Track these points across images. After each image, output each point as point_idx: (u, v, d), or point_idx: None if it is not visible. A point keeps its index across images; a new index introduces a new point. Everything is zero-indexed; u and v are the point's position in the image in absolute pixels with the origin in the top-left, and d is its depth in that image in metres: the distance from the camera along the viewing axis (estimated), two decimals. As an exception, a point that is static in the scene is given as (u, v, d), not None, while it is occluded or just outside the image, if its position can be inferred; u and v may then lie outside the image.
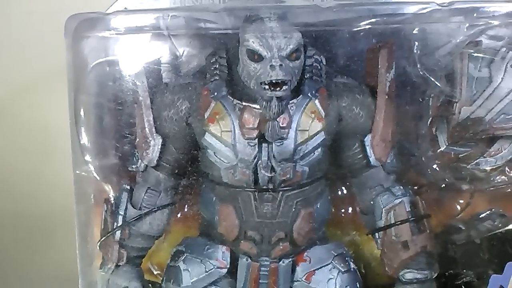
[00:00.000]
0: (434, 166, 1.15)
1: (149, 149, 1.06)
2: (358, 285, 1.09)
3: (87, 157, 1.13)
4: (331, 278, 1.06)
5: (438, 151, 1.14)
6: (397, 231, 1.06)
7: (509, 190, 1.18)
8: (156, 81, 1.08)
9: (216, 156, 1.02)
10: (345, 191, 1.22)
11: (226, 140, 1.00)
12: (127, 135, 1.12)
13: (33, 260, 1.64)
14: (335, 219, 1.20)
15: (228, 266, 1.07)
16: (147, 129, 1.05)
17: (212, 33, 1.07)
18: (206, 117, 1.01)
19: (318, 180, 1.06)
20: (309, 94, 1.00)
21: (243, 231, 1.05)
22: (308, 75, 1.01)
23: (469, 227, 1.21)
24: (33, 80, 1.55)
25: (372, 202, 1.10)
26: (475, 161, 1.12)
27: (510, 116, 1.06)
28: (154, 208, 1.09)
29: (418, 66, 1.09)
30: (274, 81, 0.91)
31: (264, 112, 0.95)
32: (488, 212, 1.21)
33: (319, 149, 1.02)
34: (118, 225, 1.08)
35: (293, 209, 1.03)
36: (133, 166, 1.09)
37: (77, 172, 1.15)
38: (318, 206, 1.06)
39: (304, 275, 1.07)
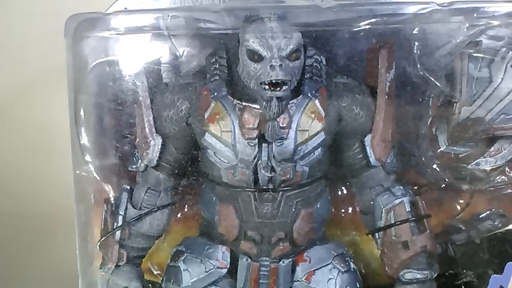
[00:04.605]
0: (434, 166, 1.15)
1: (149, 149, 1.06)
2: (358, 285, 1.09)
3: (87, 157, 1.13)
4: (331, 278, 1.06)
5: (438, 151, 1.14)
6: (397, 231, 1.06)
7: (509, 190, 1.18)
8: (156, 81, 1.08)
9: (216, 156, 1.02)
10: (345, 191, 1.22)
11: (226, 140, 1.00)
12: (127, 135, 1.13)
13: (33, 260, 1.64)
14: (335, 219, 1.20)
15: (228, 266, 1.07)
16: (147, 129, 1.05)
17: (212, 33, 1.07)
18: (206, 117, 1.01)
19: (318, 180, 1.06)
20: (309, 94, 1.00)
21: (243, 231, 1.05)
22: (308, 75, 1.01)
23: (469, 227, 1.21)
24: (33, 80, 1.56)
25: (372, 202, 1.10)
26: (475, 161, 1.12)
27: (510, 116, 1.06)
28: (154, 208, 1.09)
29: (418, 66, 1.09)
30: (274, 81, 0.91)
31: (264, 112, 0.95)
32: (488, 212, 1.21)
33: (319, 149, 1.02)
34: (118, 225, 1.08)
35: (293, 209, 1.04)
36: (133, 166, 1.10)
37: (77, 172, 1.15)
38: (318, 206, 1.06)
39: (304, 275, 1.07)
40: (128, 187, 1.11)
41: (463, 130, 1.08)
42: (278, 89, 0.92)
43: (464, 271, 1.19)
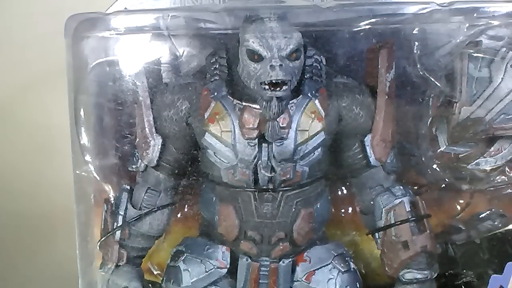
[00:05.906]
0: (434, 166, 1.15)
1: (149, 149, 1.06)
2: (358, 285, 1.09)
3: (87, 157, 1.13)
4: (331, 278, 1.06)
5: (438, 151, 1.14)
6: (397, 231, 1.06)
7: (509, 190, 1.18)
8: (156, 81, 1.08)
9: (216, 156, 1.02)
10: (345, 191, 1.22)
11: (226, 140, 1.00)
12: (127, 135, 1.13)
13: (33, 260, 1.64)
14: (335, 219, 1.20)
15: (228, 266, 1.07)
16: (147, 129, 1.05)
17: (212, 33, 1.07)
18: (206, 117, 1.01)
19: (318, 180, 1.06)
20: (309, 94, 1.00)
21: (243, 231, 1.05)
22: (308, 75, 1.01)
23: (469, 227, 1.21)
24: (34, 80, 1.56)
25: (372, 202, 1.10)
26: (475, 161, 1.12)
27: (510, 116, 1.06)
28: (154, 208, 1.09)
29: (418, 66, 1.09)
30: (274, 81, 0.91)
31: (264, 112, 0.95)
32: (488, 212, 1.21)
33: (319, 149, 1.02)
34: (118, 225, 1.08)
35: (293, 209, 1.04)
36: (133, 166, 1.10)
37: (77, 172, 1.15)
38: (318, 206, 1.06)
39: (304, 275, 1.07)
40: (128, 187, 1.11)
41: (463, 130, 1.08)
42: (278, 89, 0.92)
43: (464, 271, 1.19)
